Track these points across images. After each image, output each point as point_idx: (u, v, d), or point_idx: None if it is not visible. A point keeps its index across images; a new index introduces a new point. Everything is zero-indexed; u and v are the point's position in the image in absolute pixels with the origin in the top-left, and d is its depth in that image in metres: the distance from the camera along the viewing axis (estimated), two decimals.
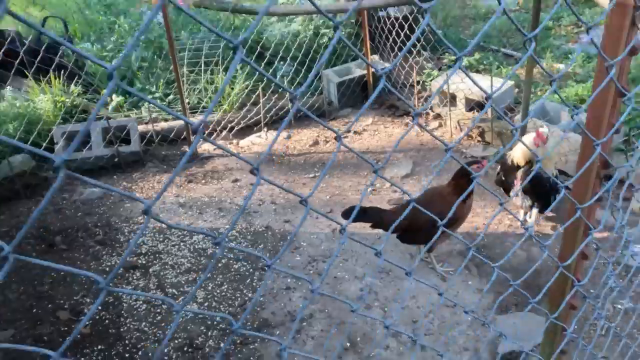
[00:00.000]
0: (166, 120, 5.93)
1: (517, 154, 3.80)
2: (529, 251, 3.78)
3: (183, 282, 3.70)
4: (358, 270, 3.67)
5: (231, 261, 3.88)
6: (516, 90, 5.70)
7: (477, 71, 6.40)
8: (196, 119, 5.77)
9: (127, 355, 3.14)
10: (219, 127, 5.74)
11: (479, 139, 5.31)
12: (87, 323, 3.38)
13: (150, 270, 3.84)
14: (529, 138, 3.73)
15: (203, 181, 5.00)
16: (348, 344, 3.10)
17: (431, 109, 5.85)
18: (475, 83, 1.06)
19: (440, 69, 6.45)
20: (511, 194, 3.92)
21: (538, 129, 3.67)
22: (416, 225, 3.27)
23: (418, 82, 6.11)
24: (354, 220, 3.54)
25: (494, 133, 5.16)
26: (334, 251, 3.90)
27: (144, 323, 3.37)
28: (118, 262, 3.94)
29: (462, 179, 3.24)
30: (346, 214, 3.36)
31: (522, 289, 3.48)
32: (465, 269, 3.63)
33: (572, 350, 2.01)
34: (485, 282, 3.49)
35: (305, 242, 4.02)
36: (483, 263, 3.57)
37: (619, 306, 3.25)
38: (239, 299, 3.52)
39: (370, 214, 3.40)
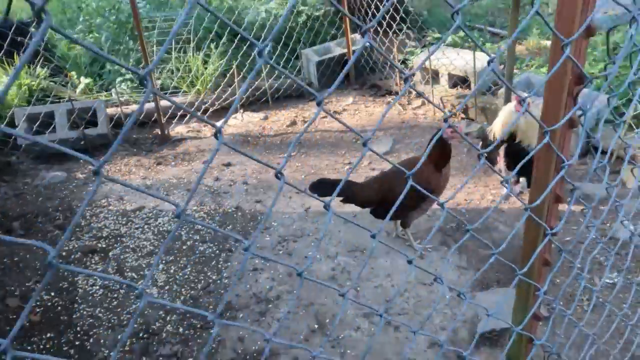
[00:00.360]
0: (137, 102, 5.68)
1: (497, 128, 3.56)
2: (512, 227, 3.56)
3: (144, 266, 3.46)
4: (330, 250, 3.44)
5: (197, 243, 3.64)
6: (501, 66, 5.48)
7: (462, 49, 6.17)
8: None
9: (77, 342, 2.89)
10: (193, 109, 5.47)
11: (463, 115, 5.08)
12: (37, 310, 3.14)
13: (110, 254, 3.59)
14: (509, 107, 3.51)
15: (173, 163, 4.75)
16: (316, 326, 2.87)
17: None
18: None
19: (424, 46, 6.22)
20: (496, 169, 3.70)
21: (517, 95, 3.45)
22: (390, 198, 3.04)
23: (401, 61, 5.89)
24: (323, 195, 3.32)
25: (477, 109, 4.93)
26: (305, 231, 3.67)
27: (98, 309, 3.12)
28: (77, 246, 3.69)
29: (437, 148, 3.01)
30: (314, 187, 3.12)
31: (506, 265, 3.27)
32: (445, 245, 3.40)
33: (548, 322, 1.78)
34: (465, 260, 3.26)
35: (277, 221, 3.78)
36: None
37: (608, 280, 3.04)
38: (202, 281, 3.27)
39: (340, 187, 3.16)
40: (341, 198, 3.22)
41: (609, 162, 4.30)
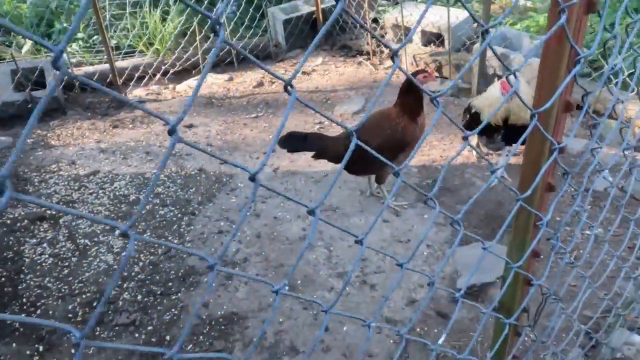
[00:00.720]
0: (92, 64, 5.26)
1: (483, 106, 3.27)
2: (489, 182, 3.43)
3: (98, 232, 3.17)
4: (301, 210, 3.23)
5: (156, 207, 3.37)
6: (474, 25, 5.30)
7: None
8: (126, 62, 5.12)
9: (23, 314, 2.62)
10: (151, 70, 5.10)
11: (437, 74, 4.89)
12: None
13: (61, 221, 3.29)
14: (495, 89, 3.28)
15: (130, 126, 4.41)
16: (287, 288, 2.67)
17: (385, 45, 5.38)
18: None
19: (396, 3, 5.97)
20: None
21: (503, 78, 3.22)
22: (364, 153, 2.84)
23: (373, 20, 5.63)
24: (293, 150, 3.10)
25: (451, 67, 4.76)
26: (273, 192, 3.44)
27: (47, 278, 2.84)
28: (23, 214, 3.37)
29: (409, 96, 2.81)
30: (284, 142, 2.89)
31: (485, 220, 3.12)
32: (421, 202, 3.24)
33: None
34: (443, 216, 3.11)
35: (244, 183, 3.54)
36: (440, 195, 3.19)
37: (588, 232, 2.95)
38: (162, 246, 3.02)
39: (310, 140, 2.94)
40: (312, 153, 3.00)
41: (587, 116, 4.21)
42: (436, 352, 1.20)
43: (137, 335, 2.47)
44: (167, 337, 2.45)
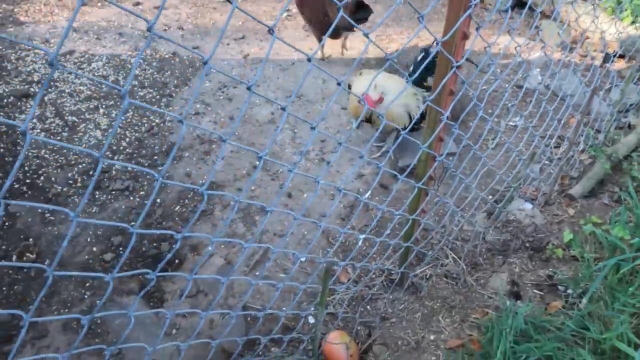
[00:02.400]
0: None
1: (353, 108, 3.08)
2: None
3: (84, 110, 3.49)
4: (269, 95, 3.62)
5: (136, 88, 3.66)
6: None
7: None
8: None
9: (28, 181, 3.03)
10: None
11: None
12: None
13: (46, 98, 3.56)
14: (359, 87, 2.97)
15: (99, 4, 4.46)
16: (257, 162, 3.17)
17: None
18: None
19: None
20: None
21: (367, 94, 2.82)
22: (310, 15, 3.24)
23: None
24: None
25: None
26: (245, 77, 3.77)
27: (43, 150, 3.21)
28: (8, 90, 3.60)
29: None
30: None
31: None
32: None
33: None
34: None
35: (218, 67, 3.83)
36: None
37: (512, 123, 3.50)
38: (145, 125, 3.40)
39: None
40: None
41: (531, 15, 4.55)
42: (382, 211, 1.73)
43: (131, 198, 2.96)
44: (158, 200, 2.95)
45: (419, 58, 3.19)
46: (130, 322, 2.39)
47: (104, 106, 3.50)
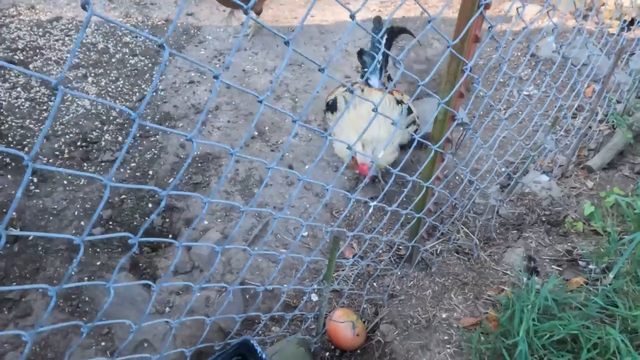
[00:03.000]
0: None
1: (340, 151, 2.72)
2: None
3: (71, 78, 3.28)
4: (268, 64, 3.41)
5: (127, 56, 3.45)
6: None
7: None
8: None
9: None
10: None
11: None
12: None
13: (31, 66, 3.35)
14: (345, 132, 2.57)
15: None
16: (256, 133, 2.98)
17: None
18: None
19: None
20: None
21: (358, 162, 2.43)
22: None
23: None
24: None
25: None
26: (242, 45, 3.56)
27: (28, 120, 3.01)
28: None
29: None
30: None
31: (436, 80, 3.41)
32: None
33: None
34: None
35: (211, 35, 3.62)
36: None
37: (526, 93, 3.31)
38: (137, 93, 3.20)
39: None
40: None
41: None
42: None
43: (122, 170, 2.78)
44: (150, 172, 2.77)
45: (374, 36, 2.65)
46: (120, 300, 2.23)
47: (92, 74, 3.30)
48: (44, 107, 3.10)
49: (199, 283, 2.26)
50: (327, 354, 2.11)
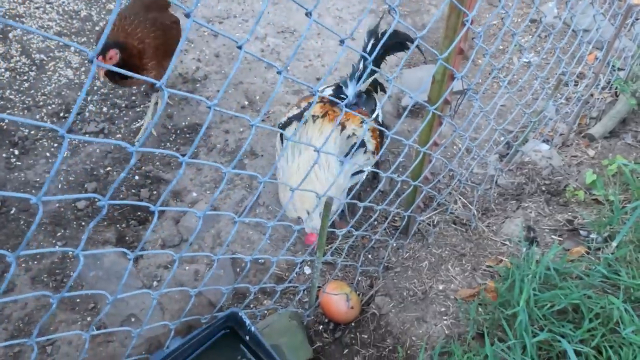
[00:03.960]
0: None
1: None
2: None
3: (53, 47, 3.14)
4: (259, 31, 3.28)
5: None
6: None
7: None
8: None
9: None
10: None
11: None
12: None
13: (10, 35, 3.20)
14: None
15: None
16: (246, 102, 2.87)
17: None
18: None
19: None
20: None
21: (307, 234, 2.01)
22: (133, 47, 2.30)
23: None
24: None
25: None
26: (231, 12, 3.42)
27: (8, 91, 2.88)
28: None
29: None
30: None
31: (435, 47, 3.28)
32: None
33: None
34: None
35: (200, 3, 3.47)
36: None
37: (524, 60, 3.20)
38: None
39: None
40: None
41: None
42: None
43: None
44: (136, 144, 2.66)
45: (369, 46, 2.34)
46: (106, 274, 2.15)
47: (75, 42, 3.15)
48: (25, 78, 2.96)
49: (187, 258, 2.19)
50: (321, 327, 2.06)
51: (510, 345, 1.56)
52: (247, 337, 1.54)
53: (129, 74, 0.84)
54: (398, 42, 2.32)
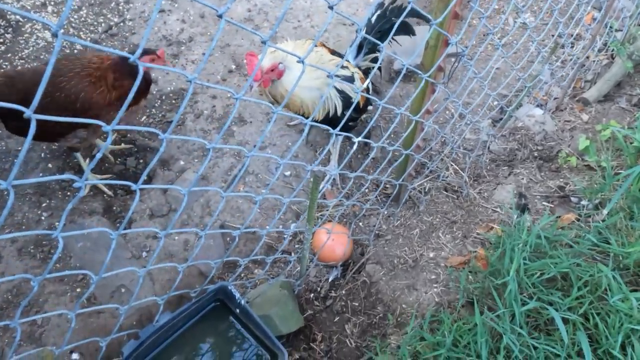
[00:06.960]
0: None
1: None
2: None
3: (29, 8, 2.99)
4: None
5: None
6: None
7: None
8: None
9: None
10: None
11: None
12: None
13: None
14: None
15: None
16: (233, 66, 2.78)
17: None
18: None
19: None
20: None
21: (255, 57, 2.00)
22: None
23: None
24: None
25: None
26: None
27: None
28: None
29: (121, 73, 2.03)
30: None
31: (428, 6, 3.15)
32: None
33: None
34: None
35: None
36: None
37: (520, 20, 3.11)
38: (102, 24, 2.93)
39: None
40: None
41: None
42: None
43: None
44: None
45: (374, 17, 2.30)
46: (94, 245, 2.12)
47: (52, 3, 3.00)
48: (1, 40, 2.83)
49: (173, 226, 2.16)
50: (312, 295, 2.06)
51: (499, 314, 1.57)
52: (237, 310, 1.54)
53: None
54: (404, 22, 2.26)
